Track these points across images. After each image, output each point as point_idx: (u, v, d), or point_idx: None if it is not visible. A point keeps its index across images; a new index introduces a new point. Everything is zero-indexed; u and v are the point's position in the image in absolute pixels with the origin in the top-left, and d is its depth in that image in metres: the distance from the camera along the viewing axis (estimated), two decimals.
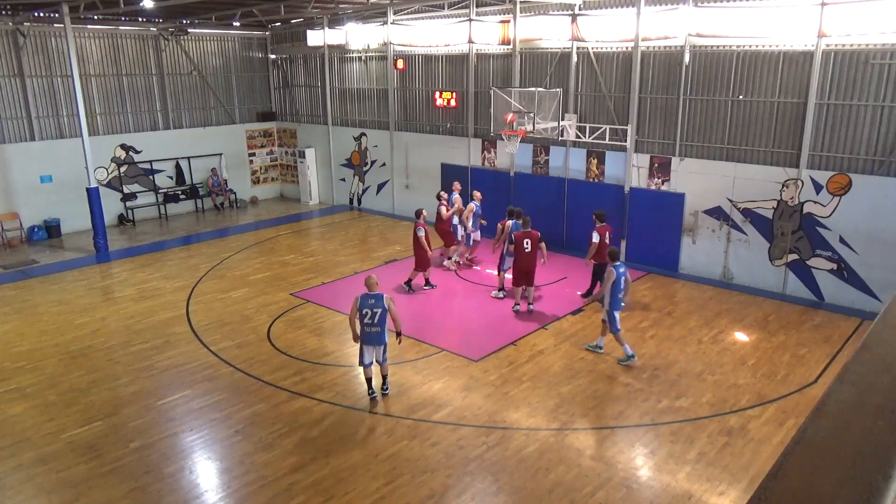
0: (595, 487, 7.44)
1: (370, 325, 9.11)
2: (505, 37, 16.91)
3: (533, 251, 12.33)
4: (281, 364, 10.64)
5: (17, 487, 7.65)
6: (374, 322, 9.07)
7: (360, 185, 22.33)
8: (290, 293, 13.96)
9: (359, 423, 8.91)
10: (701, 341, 11.34)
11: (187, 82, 22.27)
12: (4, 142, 18.35)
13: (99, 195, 17.46)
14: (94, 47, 19.96)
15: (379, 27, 19.90)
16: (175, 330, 12.22)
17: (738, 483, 7.50)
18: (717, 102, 13.81)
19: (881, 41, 11.56)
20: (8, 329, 12.41)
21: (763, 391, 9.56)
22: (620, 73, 15.14)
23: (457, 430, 8.63)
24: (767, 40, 12.81)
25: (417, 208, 14.09)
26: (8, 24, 17.93)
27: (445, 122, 19.14)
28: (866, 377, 1.20)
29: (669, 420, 8.84)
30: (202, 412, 9.26)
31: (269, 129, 24.64)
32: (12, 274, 15.88)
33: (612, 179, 15.70)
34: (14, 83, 18.45)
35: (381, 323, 9.10)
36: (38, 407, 9.48)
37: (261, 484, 7.64)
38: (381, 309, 9.06)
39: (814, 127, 12.62)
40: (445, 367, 10.46)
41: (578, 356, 10.77)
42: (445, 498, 7.35)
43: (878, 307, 11.81)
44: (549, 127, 14.52)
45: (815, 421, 1.06)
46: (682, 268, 14.91)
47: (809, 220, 12.91)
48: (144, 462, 8.09)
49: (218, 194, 22.68)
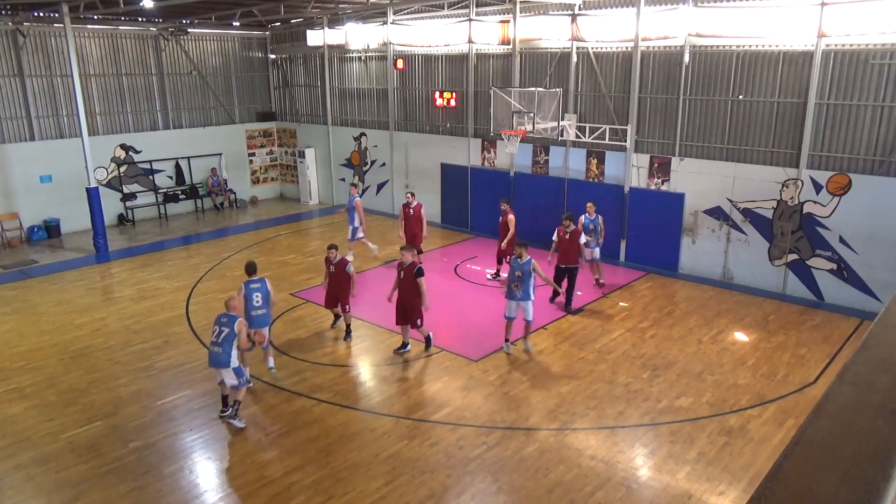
0: (595, 487, 7.44)
1: (213, 343, 8.65)
2: (505, 37, 16.91)
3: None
4: (281, 364, 10.64)
5: (17, 487, 7.65)
6: (218, 341, 8.58)
7: (359, 185, 22.33)
8: (290, 293, 13.96)
9: (358, 423, 8.91)
10: (701, 341, 11.34)
11: (187, 82, 22.27)
12: (4, 142, 18.34)
13: (99, 195, 17.46)
14: (94, 47, 19.96)
15: (379, 27, 19.90)
16: (175, 330, 12.22)
17: (738, 483, 7.50)
18: (716, 102, 13.81)
19: (881, 41, 11.56)
20: (7, 329, 12.40)
21: (763, 391, 9.56)
22: (620, 73, 15.14)
23: (456, 430, 8.63)
24: (767, 40, 12.81)
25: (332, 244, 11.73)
26: (8, 24, 17.92)
27: (445, 122, 19.14)
28: (866, 377, 1.20)
29: (669, 420, 8.84)
30: (202, 412, 9.25)
31: (268, 129, 24.64)
32: (12, 274, 15.88)
33: (612, 179, 15.70)
34: (14, 83, 18.44)
35: (226, 343, 8.55)
36: (38, 407, 9.48)
37: (261, 484, 7.64)
38: (230, 330, 8.57)
39: (814, 127, 12.62)
40: (445, 367, 10.46)
41: (578, 356, 10.77)
42: (445, 498, 7.35)
43: (877, 307, 11.82)
44: (549, 127, 14.52)
45: (815, 421, 1.06)
46: (681, 268, 14.91)
47: (809, 220, 12.91)
48: (144, 462, 8.08)
49: (218, 194, 22.68)
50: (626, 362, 10.55)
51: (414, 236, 15.07)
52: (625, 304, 13.10)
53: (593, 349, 11.04)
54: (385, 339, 11.61)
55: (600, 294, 13.62)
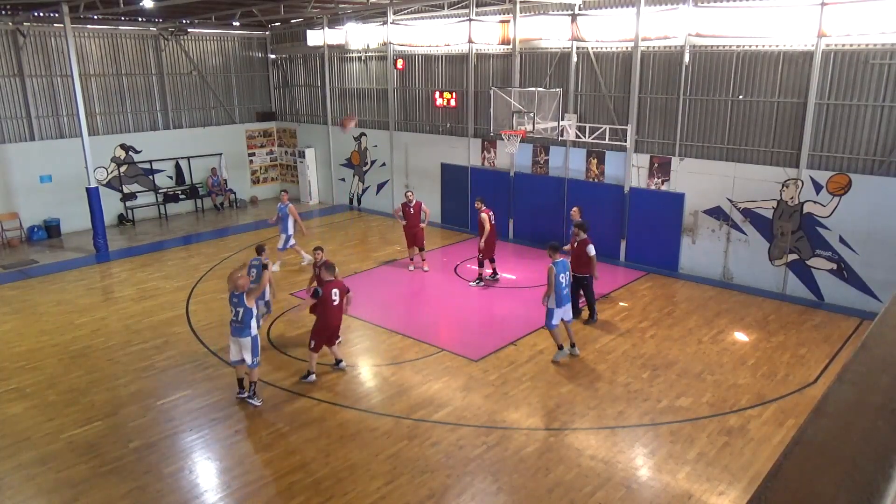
0: (595, 487, 7.44)
1: (234, 321, 9.21)
2: (505, 37, 16.91)
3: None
4: (281, 364, 10.64)
5: (17, 487, 7.65)
6: (238, 319, 9.14)
7: (359, 185, 22.34)
8: (289, 293, 13.95)
9: (359, 423, 8.91)
10: (701, 341, 11.34)
11: (187, 82, 22.27)
12: (4, 142, 18.34)
13: (99, 195, 17.45)
14: (94, 47, 19.96)
15: (379, 27, 19.90)
16: (175, 330, 12.22)
17: (738, 483, 7.50)
18: (716, 102, 13.81)
19: (881, 41, 11.56)
20: (7, 329, 12.40)
21: (763, 391, 9.56)
22: (620, 73, 15.14)
23: (456, 430, 8.63)
24: (767, 40, 12.81)
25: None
26: (8, 23, 17.92)
27: (445, 122, 19.14)
28: (866, 377, 1.20)
29: (669, 420, 8.84)
30: (202, 412, 9.25)
31: (268, 129, 24.64)
32: (12, 274, 15.88)
33: (612, 179, 15.70)
34: (14, 83, 18.45)
35: (246, 317, 9.10)
36: (38, 407, 9.48)
37: (261, 484, 7.65)
38: (244, 308, 9.08)
39: (814, 127, 12.62)
40: (445, 367, 10.46)
41: (579, 356, 10.77)
42: (445, 498, 7.35)
43: (877, 307, 11.82)
44: (549, 127, 14.51)
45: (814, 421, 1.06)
46: (681, 268, 14.91)
47: (809, 220, 12.91)
48: (144, 462, 8.09)
49: (218, 194, 22.68)
50: (626, 362, 10.55)
51: (415, 235, 15.10)
52: (625, 305, 13.10)
53: (593, 349, 11.04)
54: (385, 339, 11.61)
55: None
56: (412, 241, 15.20)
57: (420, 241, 15.18)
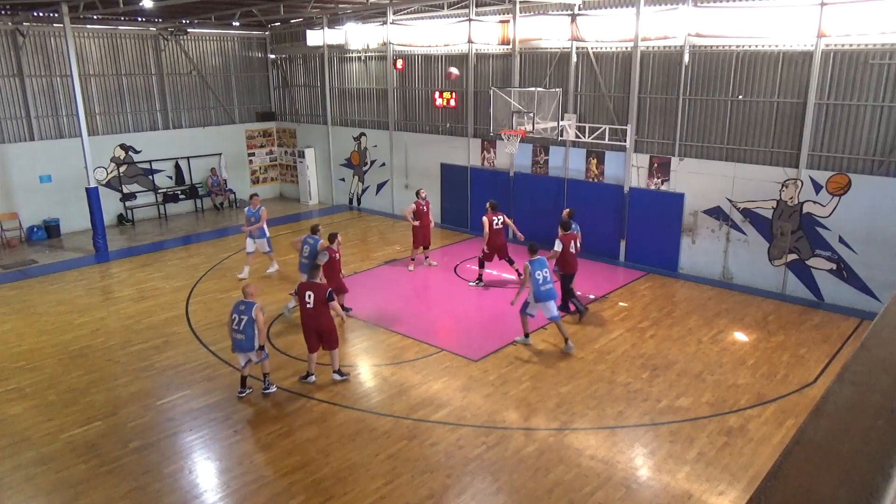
0: (595, 487, 7.44)
1: (235, 331, 9.28)
2: (504, 37, 16.91)
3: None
4: (281, 364, 10.64)
5: (16, 487, 7.65)
6: (240, 329, 9.21)
7: (359, 185, 22.33)
8: (289, 293, 13.93)
9: (358, 422, 8.91)
10: (700, 341, 11.34)
11: (187, 82, 22.27)
12: (4, 142, 18.34)
13: (98, 195, 17.45)
14: (94, 47, 19.96)
15: (378, 27, 19.90)
16: (174, 330, 12.22)
17: (738, 483, 7.50)
18: (716, 102, 13.81)
19: (881, 41, 11.56)
20: (7, 329, 12.40)
21: (762, 391, 9.57)
22: (620, 73, 15.14)
23: (456, 430, 8.63)
24: (767, 40, 12.82)
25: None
26: (7, 24, 17.92)
27: (445, 122, 19.14)
28: (866, 377, 1.20)
29: (669, 420, 8.84)
30: (202, 412, 9.25)
31: (268, 129, 24.64)
32: (12, 274, 15.87)
33: (612, 179, 15.70)
34: (13, 83, 18.44)
35: (247, 329, 9.19)
36: (38, 407, 9.48)
37: (261, 484, 7.64)
38: (248, 317, 9.17)
39: (813, 127, 12.62)
40: (445, 367, 10.46)
41: (578, 356, 10.77)
42: (445, 498, 7.35)
43: (877, 307, 11.82)
44: (549, 127, 14.51)
45: (814, 421, 1.06)
46: (681, 268, 14.91)
47: (809, 220, 12.91)
48: (144, 462, 8.09)
49: (217, 194, 22.68)
50: (625, 362, 10.55)
51: (426, 235, 15.17)
52: (624, 304, 13.10)
53: (593, 349, 11.04)
54: (385, 339, 11.61)
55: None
56: (423, 240, 15.23)
57: (430, 240, 15.37)
